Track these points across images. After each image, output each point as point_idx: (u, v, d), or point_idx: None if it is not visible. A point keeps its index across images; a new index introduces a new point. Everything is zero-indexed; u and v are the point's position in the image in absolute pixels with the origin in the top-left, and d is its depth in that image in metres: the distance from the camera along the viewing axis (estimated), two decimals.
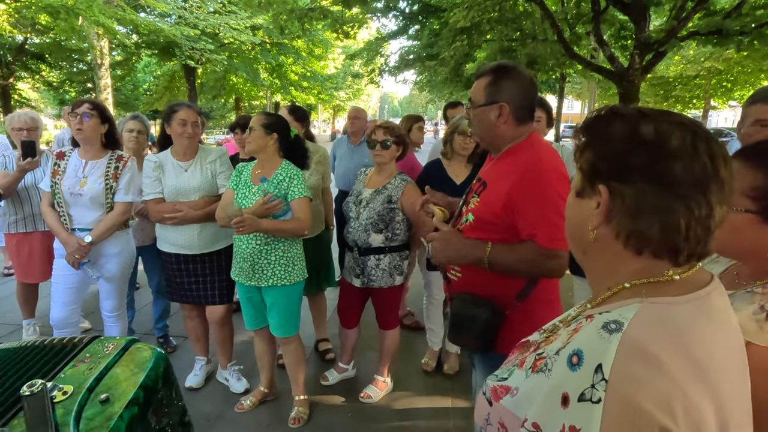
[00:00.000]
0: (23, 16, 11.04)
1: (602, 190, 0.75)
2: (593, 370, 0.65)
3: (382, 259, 2.85)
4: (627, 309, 0.71)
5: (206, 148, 3.01)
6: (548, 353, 0.76)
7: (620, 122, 0.76)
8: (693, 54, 19.02)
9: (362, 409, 3.00)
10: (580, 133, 0.82)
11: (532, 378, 0.76)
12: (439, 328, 3.44)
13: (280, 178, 2.60)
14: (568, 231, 0.87)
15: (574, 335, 0.74)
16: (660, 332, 0.67)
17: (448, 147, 3.08)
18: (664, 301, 0.71)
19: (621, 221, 0.74)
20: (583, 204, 0.79)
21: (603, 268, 0.80)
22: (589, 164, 0.78)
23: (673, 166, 0.70)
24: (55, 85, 22.29)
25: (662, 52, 8.88)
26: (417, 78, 18.00)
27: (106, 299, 2.96)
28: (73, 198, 2.72)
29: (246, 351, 3.57)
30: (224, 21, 15.50)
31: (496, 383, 0.85)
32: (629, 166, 0.73)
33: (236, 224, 2.39)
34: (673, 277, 0.74)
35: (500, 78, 1.63)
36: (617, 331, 0.67)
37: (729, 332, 0.74)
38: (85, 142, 2.76)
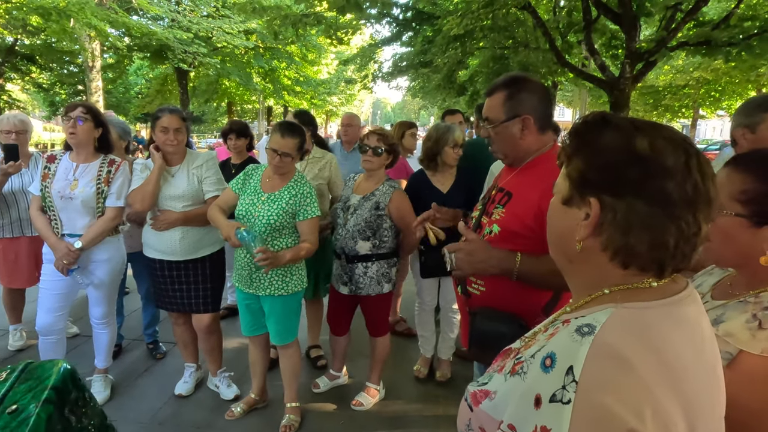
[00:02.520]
0: (14, 18, 10.94)
1: (593, 203, 0.74)
2: (564, 371, 0.66)
3: (370, 267, 2.83)
4: (601, 313, 0.72)
5: (194, 152, 2.94)
6: (525, 357, 0.77)
7: (614, 133, 0.75)
8: (682, 64, 19.28)
9: (354, 416, 2.98)
10: (569, 138, 0.82)
11: (510, 381, 0.77)
12: (431, 335, 3.43)
13: (292, 193, 2.56)
14: (551, 238, 0.86)
15: (550, 339, 0.75)
16: (631, 335, 0.67)
17: (438, 159, 3.07)
18: (638, 306, 0.72)
19: (611, 236, 0.74)
20: (570, 213, 0.79)
21: (586, 277, 0.80)
22: (578, 173, 0.77)
23: (667, 185, 0.70)
24: (45, 87, 22.12)
25: (652, 61, 9.01)
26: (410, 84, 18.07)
27: (95, 306, 2.92)
28: (63, 201, 2.68)
29: (235, 357, 3.54)
30: (217, 25, 15.48)
31: (477, 388, 0.85)
32: (623, 181, 0.72)
33: (260, 260, 2.35)
34: (651, 285, 0.74)
35: (517, 91, 1.62)
36: (589, 334, 0.68)
37: (699, 337, 0.74)
38: (78, 146, 2.72)
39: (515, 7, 8.03)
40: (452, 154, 3.03)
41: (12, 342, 3.63)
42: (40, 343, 2.86)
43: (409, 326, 4.12)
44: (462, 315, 1.86)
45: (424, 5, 9.98)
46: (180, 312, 3.00)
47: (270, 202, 2.56)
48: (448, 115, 4.11)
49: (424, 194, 3.03)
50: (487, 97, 1.68)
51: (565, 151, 0.81)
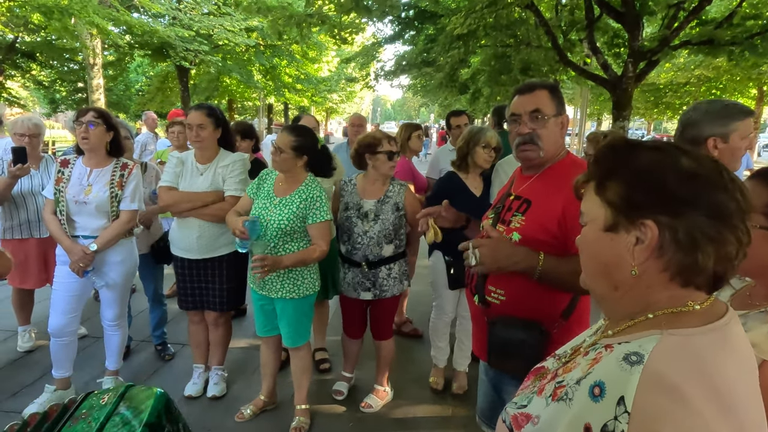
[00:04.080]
0: (16, 15, 10.92)
1: (650, 225, 0.73)
2: (615, 402, 0.66)
3: (393, 268, 2.89)
4: (647, 340, 0.71)
5: (226, 152, 2.98)
6: (568, 381, 0.77)
7: (652, 153, 0.76)
8: (683, 62, 19.25)
9: (363, 418, 3.00)
10: (597, 163, 0.82)
11: (553, 406, 0.77)
12: (446, 346, 3.34)
13: (303, 196, 2.58)
14: (594, 268, 0.84)
15: (594, 365, 0.75)
16: (681, 364, 0.67)
17: (469, 160, 2.97)
18: (684, 332, 0.71)
19: (674, 256, 0.73)
20: (617, 239, 0.77)
21: (635, 302, 0.79)
22: (620, 197, 0.76)
23: (721, 197, 0.72)
24: (45, 84, 22.05)
25: (655, 60, 9.00)
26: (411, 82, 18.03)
27: (107, 308, 2.95)
28: (78, 206, 2.71)
29: (240, 359, 3.56)
30: (219, 23, 15.43)
31: (516, 411, 0.86)
32: (678, 198, 0.72)
33: (257, 264, 2.38)
34: (694, 308, 0.75)
35: (557, 91, 1.67)
36: (638, 363, 0.68)
37: (749, 362, 0.74)
38: (90, 151, 2.74)
39: (518, 6, 8.00)
40: (483, 155, 2.93)
41: (21, 343, 3.65)
42: (51, 345, 2.88)
43: (415, 327, 4.14)
44: (476, 325, 1.84)
45: (426, 4, 9.98)
46: (196, 309, 3.06)
47: (282, 206, 2.58)
48: (453, 116, 4.10)
49: (458, 198, 2.82)
50: (522, 95, 1.67)
51: (594, 177, 0.81)
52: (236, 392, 3.20)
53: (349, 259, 2.90)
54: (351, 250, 2.87)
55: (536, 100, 1.65)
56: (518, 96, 1.70)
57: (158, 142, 6.48)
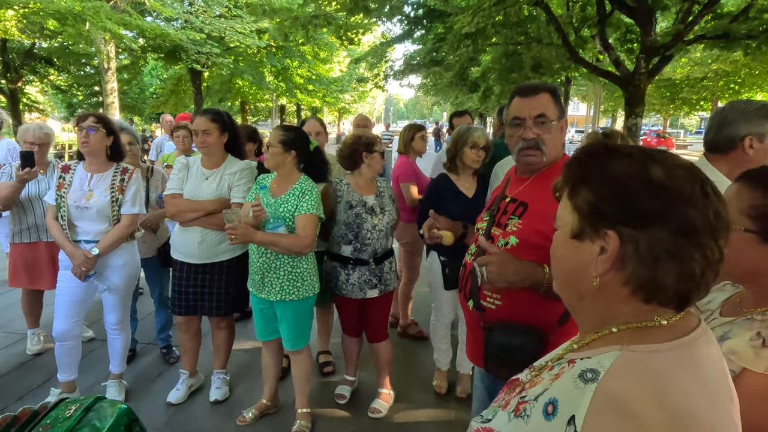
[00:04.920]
0: (31, 22, 11.14)
1: (612, 236, 0.70)
2: (566, 421, 0.64)
3: (392, 262, 3.00)
4: (605, 357, 0.68)
5: (233, 158, 2.98)
6: (529, 397, 0.75)
7: (625, 161, 0.72)
8: (700, 56, 18.91)
9: (364, 421, 2.98)
10: (571, 167, 0.78)
11: (513, 423, 0.75)
12: (447, 348, 3.32)
13: (296, 194, 2.59)
14: (560, 275, 0.82)
15: (554, 381, 0.73)
16: (637, 383, 0.64)
17: (458, 161, 2.99)
18: (646, 348, 0.68)
19: (635, 270, 0.70)
20: (582, 247, 0.75)
21: (596, 314, 0.77)
22: (589, 205, 0.73)
23: (690, 213, 0.67)
24: (62, 88, 22.49)
25: (668, 56, 8.83)
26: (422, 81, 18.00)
27: (110, 312, 2.97)
28: (79, 211, 2.74)
29: (244, 362, 3.57)
30: (230, 25, 15.57)
31: (480, 425, 0.83)
32: (643, 211, 0.69)
33: (228, 231, 2.41)
34: (660, 323, 0.71)
35: (557, 93, 1.65)
36: (592, 381, 0.65)
37: (714, 382, 0.70)
38: (90, 155, 2.77)
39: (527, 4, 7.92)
40: (471, 155, 2.94)
41: (30, 346, 3.70)
42: (56, 348, 2.92)
43: (420, 329, 4.12)
44: (471, 330, 1.81)
45: (434, 3, 9.93)
46: (189, 314, 3.02)
47: (276, 205, 2.60)
48: (455, 117, 4.07)
49: (449, 198, 2.97)
50: (525, 97, 1.64)
51: (567, 181, 0.78)
52: (239, 396, 3.21)
53: (356, 259, 2.88)
54: (360, 248, 2.85)
55: (541, 104, 1.62)
56: (520, 98, 1.65)
57: (166, 145, 6.55)
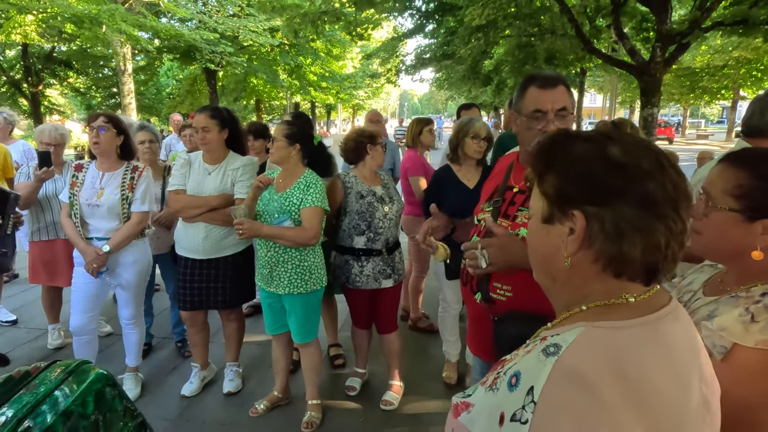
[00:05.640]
0: (50, 26, 11.39)
1: (578, 216, 0.73)
2: (526, 391, 0.66)
3: (401, 251, 3.07)
4: (570, 333, 0.71)
5: (235, 155, 3.03)
6: (502, 372, 0.77)
7: (584, 144, 0.76)
8: (720, 43, 18.48)
9: (374, 412, 3.01)
10: (536, 156, 0.81)
11: (486, 395, 0.77)
12: (456, 340, 3.35)
13: (301, 188, 2.63)
14: (535, 259, 0.85)
15: (525, 356, 0.75)
16: (596, 356, 0.66)
17: (460, 151, 3.04)
18: (609, 325, 0.70)
19: (602, 246, 0.72)
20: (552, 230, 0.77)
21: (571, 292, 0.79)
22: (554, 189, 0.76)
23: (648, 186, 0.70)
24: (81, 91, 22.93)
25: (685, 44, 8.65)
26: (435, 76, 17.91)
27: (123, 307, 3.05)
28: (91, 209, 2.81)
29: (256, 355, 3.63)
30: (243, 24, 15.70)
31: (460, 400, 0.86)
32: (605, 188, 0.72)
33: (236, 226, 2.48)
34: (628, 300, 0.74)
35: (568, 84, 1.64)
36: (554, 354, 0.67)
37: (682, 359, 0.72)
38: (101, 155, 2.84)
39: None
40: (473, 146, 3.00)
41: (51, 341, 3.81)
42: (74, 343, 3.00)
43: (431, 322, 4.13)
44: (474, 323, 1.80)
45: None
46: (195, 309, 3.07)
47: (281, 199, 2.64)
48: (463, 110, 4.07)
49: (450, 190, 3.02)
50: (546, 89, 1.60)
51: (535, 170, 0.81)
52: (251, 388, 3.26)
53: (369, 250, 2.91)
54: (373, 237, 2.89)
55: (562, 96, 1.60)
56: (541, 90, 1.61)
57: (176, 144, 6.65)
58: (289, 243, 2.61)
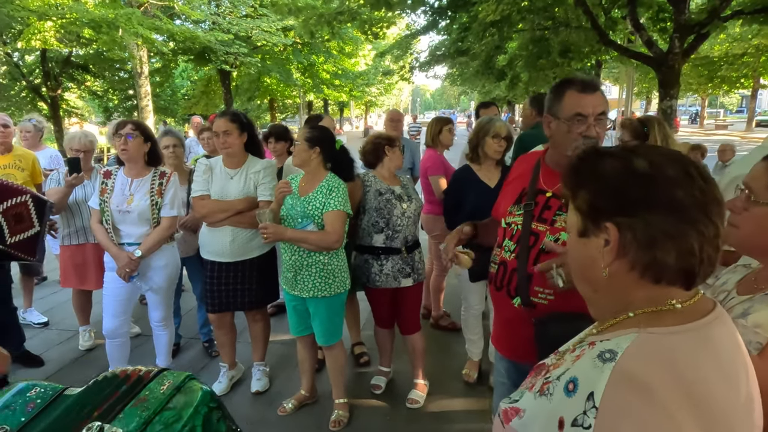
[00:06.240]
0: (69, 32, 11.59)
1: (610, 228, 0.77)
2: (586, 397, 0.69)
3: (421, 252, 3.09)
4: (623, 338, 0.74)
5: (254, 158, 3.08)
6: (552, 377, 0.80)
7: (610, 160, 0.80)
8: (739, 31, 18.10)
9: (400, 411, 3.06)
10: (568, 175, 0.86)
11: (538, 401, 0.80)
12: (478, 339, 3.38)
13: (324, 191, 2.66)
14: (575, 271, 0.89)
15: (576, 362, 0.78)
16: (653, 362, 0.69)
17: (480, 151, 3.06)
18: (662, 330, 0.73)
19: (636, 254, 0.76)
20: (589, 243, 0.81)
21: (614, 300, 0.82)
22: (587, 204, 0.81)
23: (676, 193, 0.73)
24: (99, 94, 23.28)
25: (704, 34, 8.51)
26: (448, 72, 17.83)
27: (154, 310, 3.12)
28: (122, 215, 2.88)
29: (282, 354, 3.69)
30: (256, 24, 15.79)
31: (509, 405, 0.89)
32: (632, 199, 0.75)
33: (261, 230, 2.54)
34: (675, 306, 0.76)
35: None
36: (611, 360, 0.70)
37: (728, 361, 0.74)
38: (129, 161, 2.91)
39: None
40: (493, 145, 3.01)
41: (82, 342, 3.92)
42: (107, 345, 3.09)
43: (453, 320, 4.16)
44: (509, 327, 1.80)
45: None
46: (224, 311, 3.14)
47: (304, 204, 2.68)
48: (482, 108, 4.06)
49: (470, 189, 3.05)
50: (587, 93, 1.62)
51: (568, 187, 0.85)
52: (278, 386, 3.33)
53: (387, 248, 2.95)
54: (392, 235, 2.93)
55: (601, 101, 1.63)
56: (582, 94, 1.62)
57: (196, 147, 6.73)
58: (313, 247, 2.66)
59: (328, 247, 2.65)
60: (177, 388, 1.58)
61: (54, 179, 3.57)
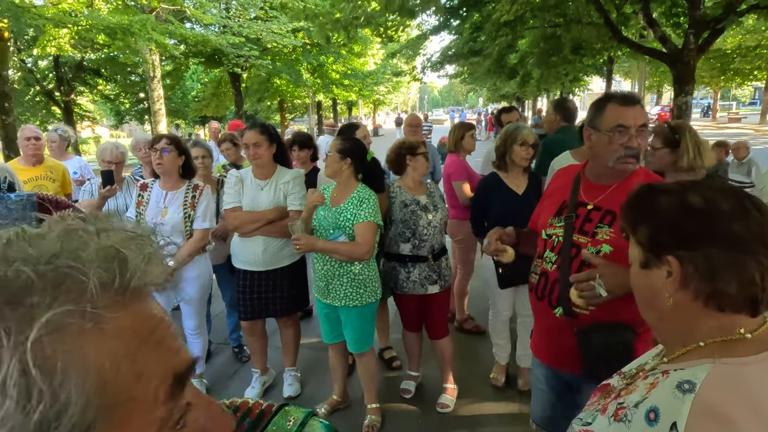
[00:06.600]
0: (84, 38, 11.73)
1: (672, 261, 0.82)
2: (669, 427, 0.73)
3: (448, 257, 3.11)
4: (699, 369, 0.77)
5: (283, 168, 3.14)
6: (628, 404, 0.84)
7: (666, 197, 0.85)
8: (752, 23, 17.88)
9: (430, 415, 3.10)
10: (627, 211, 0.92)
11: (614, 426, 0.84)
12: (506, 344, 3.41)
13: (355, 202, 2.71)
14: (640, 301, 0.94)
15: (651, 390, 0.82)
16: (732, 393, 0.73)
17: (507, 159, 3.07)
18: (736, 361, 0.77)
19: (698, 285, 0.80)
20: (652, 274, 0.86)
21: (680, 329, 0.86)
22: (647, 238, 0.86)
23: (732, 227, 0.78)
24: (110, 97, 23.53)
25: (719, 29, 8.44)
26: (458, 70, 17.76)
27: (188, 319, 3.20)
28: (156, 227, 2.95)
29: (312, 359, 3.75)
30: (267, 27, 15.86)
31: (581, 427, 0.93)
32: (691, 234, 0.80)
33: (294, 241, 2.61)
34: (745, 336, 0.79)
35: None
36: (690, 391, 0.74)
37: None
38: (164, 174, 2.98)
39: None
40: (521, 153, 3.02)
41: None
42: None
43: (476, 323, 4.19)
44: (550, 335, 1.84)
45: None
46: (257, 319, 3.21)
47: (336, 214, 2.73)
48: (504, 113, 4.08)
49: (498, 196, 3.09)
50: (628, 106, 1.67)
51: (628, 223, 0.91)
52: (310, 391, 3.39)
53: (414, 256, 3.00)
54: (418, 244, 2.97)
55: (642, 113, 1.67)
56: (623, 107, 1.67)
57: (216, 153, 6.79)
58: (344, 258, 2.71)
59: (359, 258, 2.70)
60: (302, 424, 1.60)
61: (87, 190, 3.65)
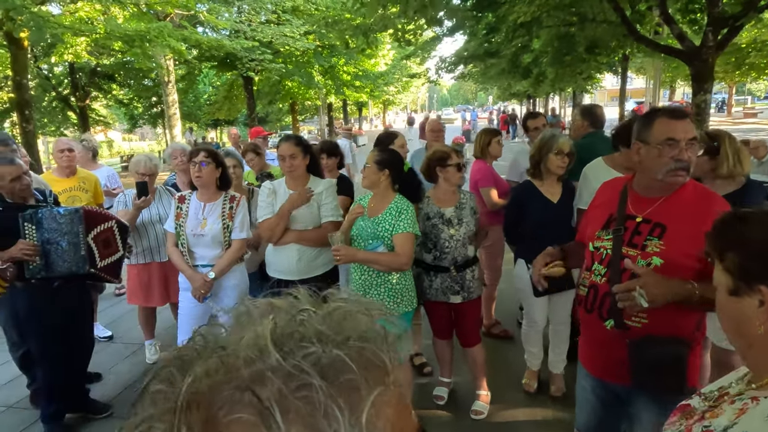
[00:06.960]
0: (101, 46, 11.89)
1: (765, 291, 0.84)
2: None
3: (475, 270, 3.09)
4: None
5: (315, 178, 3.17)
6: (715, 427, 0.86)
7: (757, 226, 0.87)
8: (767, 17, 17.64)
9: (464, 421, 3.14)
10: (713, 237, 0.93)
11: None
12: (539, 351, 3.42)
13: (393, 213, 2.74)
14: (728, 327, 0.96)
15: (741, 416, 0.84)
16: None
17: (542, 167, 3.07)
18: None
19: None
20: (742, 302, 0.88)
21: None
22: (737, 266, 0.88)
23: None
24: (124, 102, 23.80)
25: (738, 26, 8.35)
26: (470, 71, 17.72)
27: None
28: (196, 238, 3.02)
29: None
30: (280, 30, 15.96)
31: None
32: None
33: (334, 252, 2.65)
34: None
35: None
36: None
37: None
38: (203, 187, 3.04)
39: None
40: (556, 161, 3.01)
41: (149, 356, 4.08)
42: None
43: (504, 328, 4.21)
44: (599, 346, 1.87)
45: None
46: None
47: (374, 225, 2.76)
48: (530, 119, 4.09)
49: (533, 204, 3.11)
50: (678, 120, 1.69)
51: (715, 249, 0.92)
52: None
53: (436, 266, 3.03)
54: (439, 256, 3.01)
55: (691, 127, 1.70)
56: (673, 120, 1.69)
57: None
58: (383, 268, 2.75)
59: (398, 268, 2.73)
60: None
61: (122, 202, 3.73)
